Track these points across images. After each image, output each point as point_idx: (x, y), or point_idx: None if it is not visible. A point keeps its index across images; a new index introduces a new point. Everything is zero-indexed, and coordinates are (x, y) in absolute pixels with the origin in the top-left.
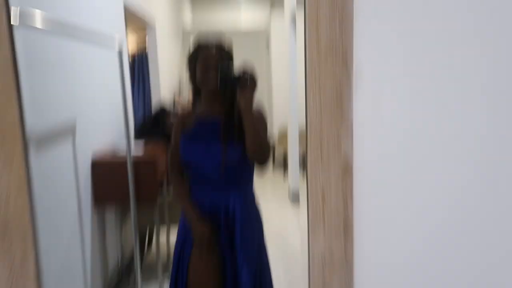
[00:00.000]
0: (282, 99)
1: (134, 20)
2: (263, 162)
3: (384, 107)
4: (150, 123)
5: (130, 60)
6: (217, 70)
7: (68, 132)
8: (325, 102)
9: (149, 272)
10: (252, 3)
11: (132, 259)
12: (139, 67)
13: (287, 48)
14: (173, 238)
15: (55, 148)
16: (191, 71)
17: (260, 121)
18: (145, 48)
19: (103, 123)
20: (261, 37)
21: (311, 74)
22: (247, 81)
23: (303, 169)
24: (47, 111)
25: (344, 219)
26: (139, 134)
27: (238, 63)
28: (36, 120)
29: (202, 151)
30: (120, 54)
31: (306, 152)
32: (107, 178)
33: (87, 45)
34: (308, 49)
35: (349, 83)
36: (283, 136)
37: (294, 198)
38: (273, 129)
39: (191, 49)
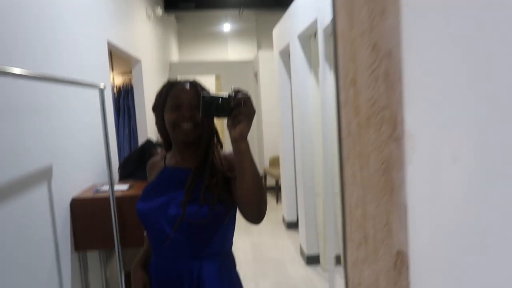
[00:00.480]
0: (272, 125)
1: (120, 56)
2: (260, 217)
3: (444, 181)
4: (136, 156)
5: (115, 93)
6: (190, 108)
7: (43, 176)
8: (369, 181)
9: None
10: (238, 35)
11: None
12: (125, 101)
13: (274, 76)
14: None
15: (29, 194)
16: (159, 116)
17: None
18: (131, 82)
19: (84, 162)
20: (249, 67)
21: (348, 146)
22: (243, 107)
23: (343, 266)
24: (20, 157)
25: None
26: (123, 168)
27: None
28: (4, 168)
29: (158, 206)
30: (102, 92)
31: (344, 244)
32: (87, 219)
33: (68, 87)
34: (343, 115)
35: (400, 155)
36: (274, 160)
37: (289, 225)
38: (265, 155)
39: (159, 91)
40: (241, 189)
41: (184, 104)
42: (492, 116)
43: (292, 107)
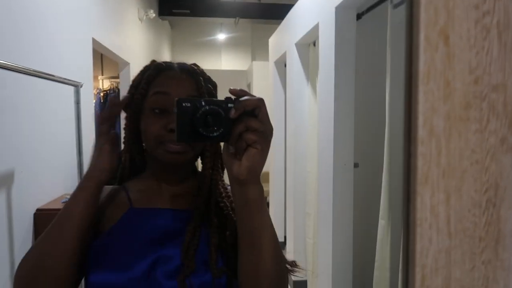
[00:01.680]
0: None
1: (110, 59)
2: None
3: None
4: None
5: (102, 98)
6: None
7: (2, 181)
8: (459, 223)
9: None
10: (232, 45)
11: None
12: None
13: (269, 87)
14: None
15: None
16: (132, 119)
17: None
18: (118, 86)
19: (54, 168)
20: (242, 77)
21: (429, 157)
22: (253, 120)
23: None
24: None
25: None
26: None
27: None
28: None
29: (139, 277)
30: (77, 90)
31: None
32: None
33: (42, 84)
34: (422, 97)
35: None
36: (263, 176)
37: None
38: None
39: (135, 79)
40: (247, 267)
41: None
42: None
43: (286, 120)
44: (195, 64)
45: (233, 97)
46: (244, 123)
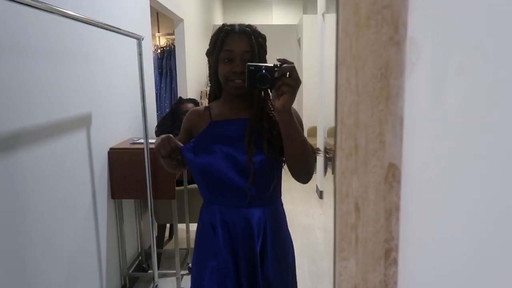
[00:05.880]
0: (314, 94)
1: (165, 16)
2: (307, 179)
3: (448, 94)
4: (170, 115)
5: (159, 54)
6: (242, 62)
7: (83, 121)
8: (364, 87)
9: (168, 260)
10: (283, 0)
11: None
12: (167, 62)
13: (318, 43)
14: (192, 233)
15: (69, 137)
16: (213, 64)
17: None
18: (174, 43)
19: (122, 115)
20: (293, 32)
21: (345, 48)
22: (287, 78)
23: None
24: (60, 99)
25: (386, 239)
26: (160, 126)
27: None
28: (49, 111)
29: (224, 157)
30: (140, 43)
31: (335, 152)
32: (123, 169)
33: (110, 37)
34: (342, 14)
35: (400, 61)
36: (313, 130)
37: (322, 195)
38: (304, 125)
39: (213, 36)
40: (288, 155)
41: (237, 59)
42: (506, 25)
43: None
44: (249, 25)
45: (278, 63)
46: (282, 80)
